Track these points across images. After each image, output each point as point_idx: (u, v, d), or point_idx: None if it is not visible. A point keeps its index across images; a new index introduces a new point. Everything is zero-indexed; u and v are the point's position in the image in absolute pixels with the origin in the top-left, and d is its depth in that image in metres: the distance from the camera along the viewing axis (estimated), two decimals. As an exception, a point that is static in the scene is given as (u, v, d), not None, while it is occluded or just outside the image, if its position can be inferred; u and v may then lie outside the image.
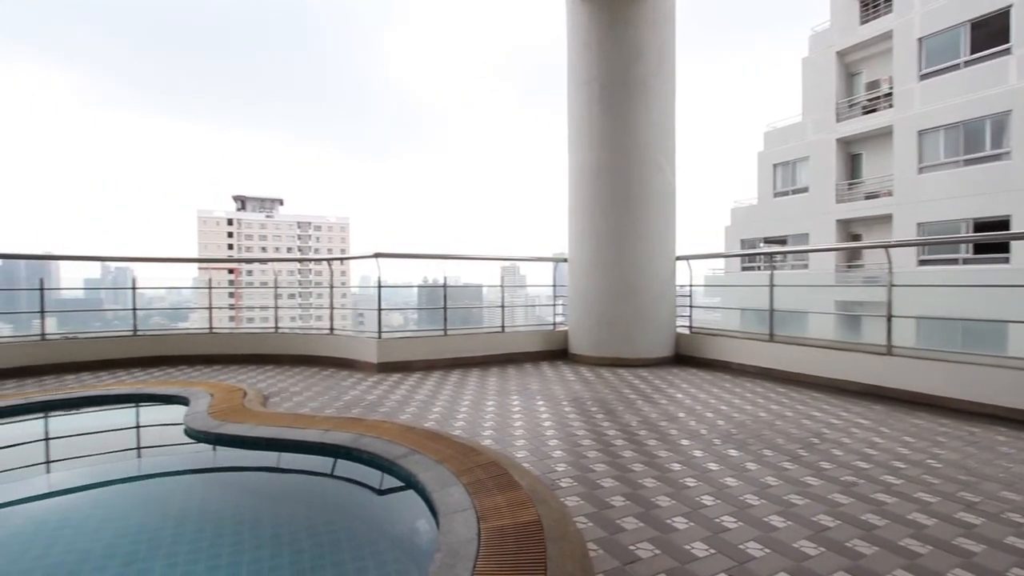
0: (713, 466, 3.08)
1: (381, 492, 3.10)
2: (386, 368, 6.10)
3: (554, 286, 7.78)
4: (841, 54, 17.28)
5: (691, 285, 7.06)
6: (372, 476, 3.16)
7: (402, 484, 2.94)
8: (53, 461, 3.84)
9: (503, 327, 7.01)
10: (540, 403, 4.66)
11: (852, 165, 17.32)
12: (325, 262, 9.13)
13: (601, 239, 6.67)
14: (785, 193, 18.69)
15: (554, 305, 7.81)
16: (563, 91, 7.14)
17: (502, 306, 7.11)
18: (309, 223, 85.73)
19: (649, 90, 6.56)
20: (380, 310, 6.24)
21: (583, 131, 6.81)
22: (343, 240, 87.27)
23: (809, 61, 18.14)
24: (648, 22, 6.53)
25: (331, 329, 6.74)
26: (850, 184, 17.07)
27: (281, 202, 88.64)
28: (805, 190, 17.91)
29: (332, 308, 6.81)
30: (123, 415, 4.70)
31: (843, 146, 17.17)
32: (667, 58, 6.75)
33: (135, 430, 4.51)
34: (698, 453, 3.31)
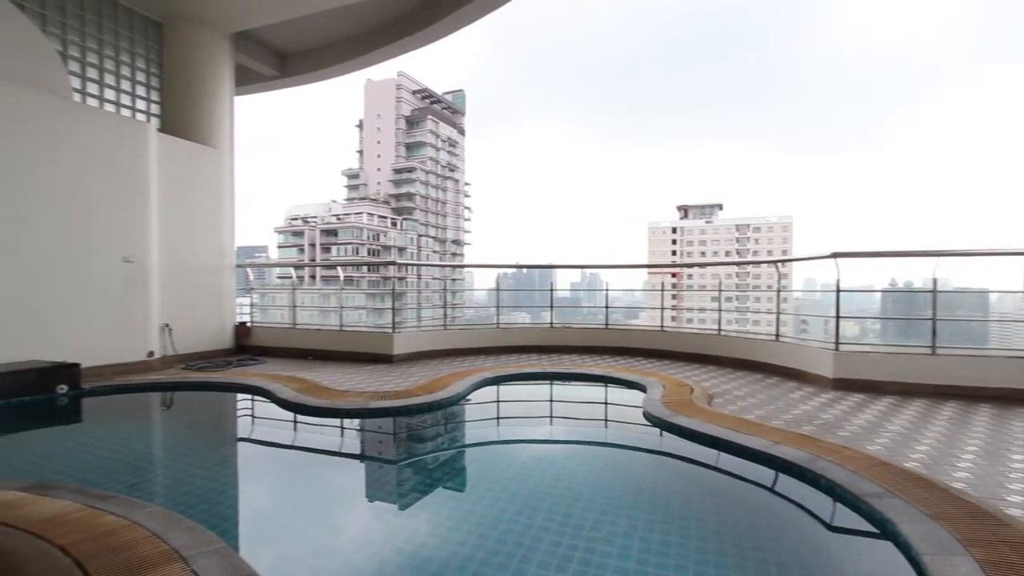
0: None
1: (836, 528, 2.68)
2: (844, 385, 5.24)
3: None
4: None
5: None
6: (825, 506, 2.78)
7: (873, 530, 2.45)
8: (555, 417, 5.16)
9: (1040, 352, 4.85)
10: None
11: None
12: (771, 265, 8.69)
13: None
14: None
15: None
16: None
17: (1039, 321, 4.93)
18: (747, 225, 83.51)
19: None
20: (838, 318, 5.39)
21: None
22: (784, 241, 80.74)
23: None
24: None
25: (776, 335, 6.31)
26: None
27: (720, 207, 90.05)
28: None
29: (778, 313, 6.38)
30: (598, 391, 5.86)
31: None
32: None
33: (605, 406, 5.51)
34: None
